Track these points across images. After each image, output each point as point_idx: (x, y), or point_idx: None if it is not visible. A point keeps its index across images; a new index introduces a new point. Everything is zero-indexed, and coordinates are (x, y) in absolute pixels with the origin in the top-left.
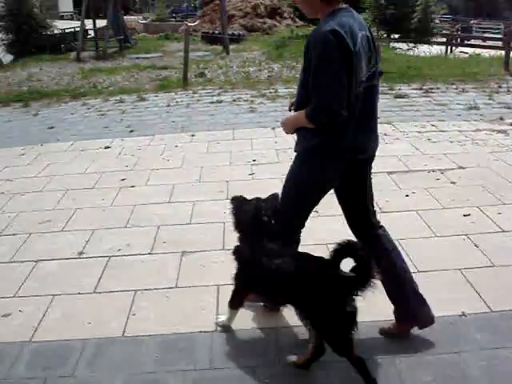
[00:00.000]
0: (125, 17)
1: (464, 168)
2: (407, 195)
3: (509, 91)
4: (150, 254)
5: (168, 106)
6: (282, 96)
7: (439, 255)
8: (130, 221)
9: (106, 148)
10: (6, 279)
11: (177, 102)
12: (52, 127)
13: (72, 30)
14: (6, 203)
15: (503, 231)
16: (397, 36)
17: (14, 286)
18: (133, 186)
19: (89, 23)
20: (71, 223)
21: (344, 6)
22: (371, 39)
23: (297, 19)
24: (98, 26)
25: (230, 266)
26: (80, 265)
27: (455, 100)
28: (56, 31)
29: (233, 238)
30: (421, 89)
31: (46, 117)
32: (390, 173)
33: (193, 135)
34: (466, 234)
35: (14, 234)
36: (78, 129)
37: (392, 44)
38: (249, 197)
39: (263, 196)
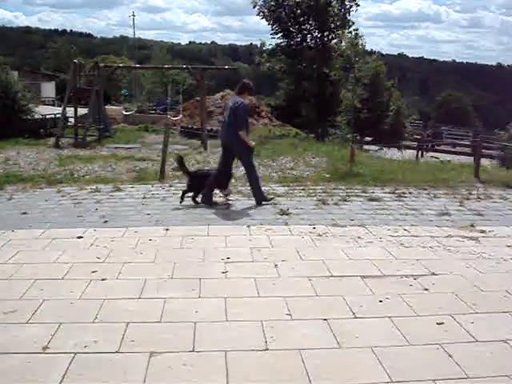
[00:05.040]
0: (106, 106)
1: (437, 275)
2: (381, 301)
3: (479, 198)
4: (117, 352)
5: (144, 197)
6: None
7: (413, 364)
8: (99, 316)
9: (78, 238)
10: None
11: (153, 194)
12: (25, 213)
13: (52, 115)
14: None
15: (476, 341)
16: (369, 138)
17: None
18: (103, 279)
19: (70, 110)
20: (37, 315)
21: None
22: (232, 108)
23: (274, 119)
24: (78, 113)
25: (201, 371)
26: (44, 360)
27: (427, 205)
28: (37, 116)
29: (206, 339)
30: (393, 193)
31: (20, 202)
32: (363, 277)
33: (167, 229)
34: (440, 344)
35: None
36: (52, 216)
37: (365, 146)
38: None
39: None
